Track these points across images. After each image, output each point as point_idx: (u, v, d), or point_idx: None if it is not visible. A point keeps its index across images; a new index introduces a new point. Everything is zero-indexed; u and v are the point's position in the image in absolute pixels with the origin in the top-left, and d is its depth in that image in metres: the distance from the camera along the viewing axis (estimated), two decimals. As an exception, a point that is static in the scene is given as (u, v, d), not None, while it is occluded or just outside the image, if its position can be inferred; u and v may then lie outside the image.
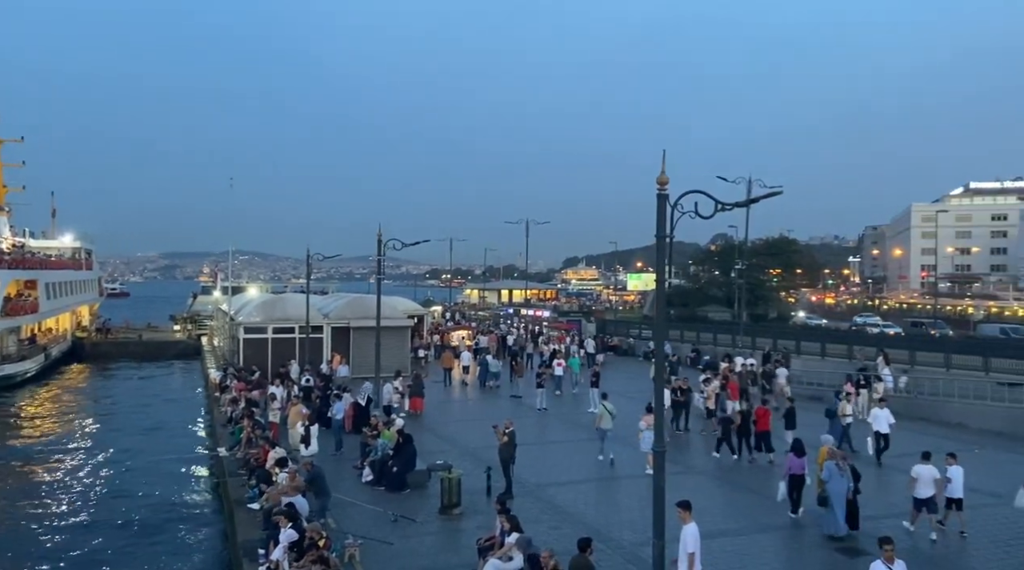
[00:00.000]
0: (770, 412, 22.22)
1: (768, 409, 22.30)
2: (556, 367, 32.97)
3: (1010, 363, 31.61)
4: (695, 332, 50.79)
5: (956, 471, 15.06)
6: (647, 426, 19.67)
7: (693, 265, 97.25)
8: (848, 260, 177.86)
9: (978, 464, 20.87)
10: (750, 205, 27.98)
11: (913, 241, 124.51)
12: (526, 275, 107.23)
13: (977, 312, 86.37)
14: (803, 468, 16.10)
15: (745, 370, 31.84)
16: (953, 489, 14.96)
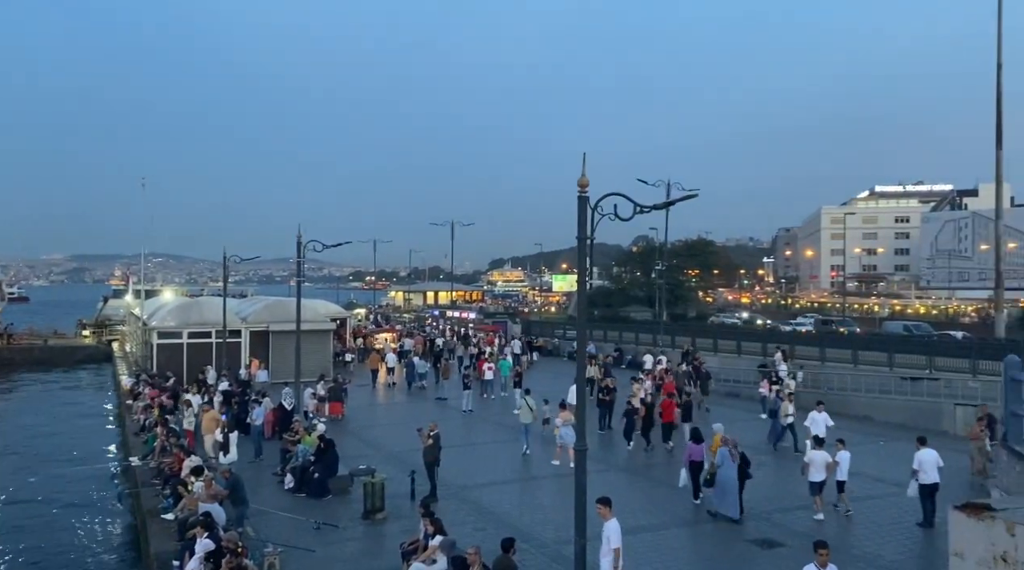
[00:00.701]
0: (675, 404, 23.36)
1: (672, 402, 23.41)
2: (487, 371, 32.86)
3: (912, 359, 33.29)
4: (618, 332, 51.65)
5: (844, 456, 16.42)
6: (563, 422, 20.65)
7: (616, 266, 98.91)
8: (763, 261, 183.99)
9: (884, 455, 22.02)
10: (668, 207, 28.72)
11: (823, 242, 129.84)
12: (452, 277, 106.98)
13: (882, 310, 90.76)
14: (701, 455, 17.24)
15: (681, 370, 32.09)
16: (840, 472, 16.28)
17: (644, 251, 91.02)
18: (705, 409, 29.02)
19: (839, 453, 16.43)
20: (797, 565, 13.25)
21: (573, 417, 21.14)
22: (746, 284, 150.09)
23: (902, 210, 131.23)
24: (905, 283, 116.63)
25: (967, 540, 6.37)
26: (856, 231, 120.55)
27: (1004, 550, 6.01)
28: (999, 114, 37.95)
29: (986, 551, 6.16)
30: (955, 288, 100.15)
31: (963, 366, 30.46)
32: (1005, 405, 9.05)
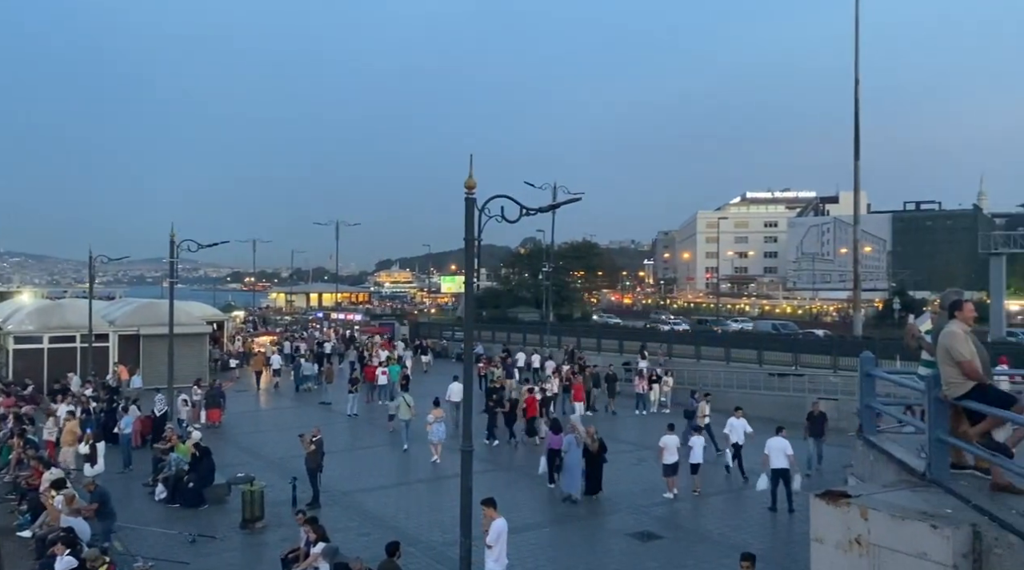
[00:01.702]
0: (536, 400, 24.14)
1: (535, 397, 24.14)
2: (380, 376, 31.93)
3: (780, 356, 35.33)
4: (506, 332, 52.12)
5: (697, 441, 18.22)
6: (435, 419, 21.04)
7: (504, 268, 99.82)
8: (643, 263, 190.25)
9: (753, 449, 23.17)
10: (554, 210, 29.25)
11: (699, 245, 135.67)
12: (337, 278, 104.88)
13: (753, 310, 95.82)
14: (560, 443, 17.96)
15: (590, 371, 31.93)
16: (693, 455, 17.86)
17: (531, 253, 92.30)
18: (611, 412, 29.49)
19: (692, 438, 18.36)
20: (675, 557, 13.84)
21: (444, 414, 21.81)
22: (628, 285, 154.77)
23: (771, 215, 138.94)
24: (773, 284, 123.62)
25: (826, 526, 6.82)
26: (729, 235, 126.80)
27: (858, 534, 6.47)
28: (857, 128, 40.84)
29: (843, 535, 6.61)
30: (818, 289, 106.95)
31: (825, 362, 32.57)
32: (861, 398, 9.72)
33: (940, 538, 5.88)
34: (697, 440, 18.21)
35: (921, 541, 6.00)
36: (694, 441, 18.16)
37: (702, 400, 24.01)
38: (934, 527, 5.95)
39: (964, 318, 7.22)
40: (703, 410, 23.41)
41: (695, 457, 17.86)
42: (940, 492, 6.91)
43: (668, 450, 17.42)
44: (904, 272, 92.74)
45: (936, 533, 5.92)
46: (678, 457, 17.47)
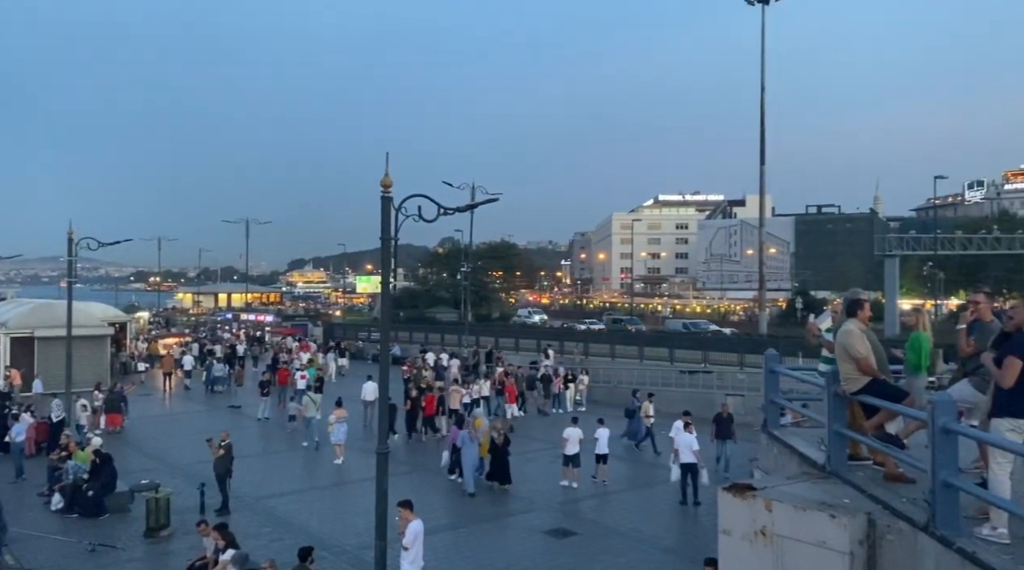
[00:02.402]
0: (435, 398, 24.65)
1: (434, 396, 24.70)
2: (299, 380, 31.01)
3: (690, 353, 36.39)
4: (423, 333, 51.84)
5: (602, 432, 18.77)
6: (336, 419, 21.03)
7: (422, 268, 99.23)
8: (561, 263, 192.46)
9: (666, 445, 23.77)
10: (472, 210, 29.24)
11: (614, 246, 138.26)
12: (247, 278, 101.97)
13: (665, 309, 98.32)
14: (460, 439, 18.56)
15: (522, 373, 31.75)
16: (599, 447, 18.54)
17: (450, 253, 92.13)
18: (545, 413, 29.49)
19: (598, 430, 18.85)
20: (589, 552, 14.05)
21: (348, 414, 21.79)
22: (546, 285, 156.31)
23: (682, 217, 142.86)
24: (684, 284, 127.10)
25: (733, 518, 7.06)
26: (642, 236, 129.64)
27: (763, 525, 6.72)
28: (762, 134, 42.36)
29: (749, 527, 6.85)
30: (726, 289, 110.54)
31: (732, 360, 33.73)
32: (765, 394, 10.11)
33: (838, 527, 6.17)
34: (602, 432, 18.89)
35: (821, 530, 6.28)
36: (599, 433, 18.84)
37: (646, 400, 24.22)
38: (832, 516, 6.24)
39: (862, 317, 7.60)
40: (647, 410, 23.60)
41: (600, 448, 18.66)
42: (838, 483, 7.26)
43: (571, 442, 18.12)
44: (806, 272, 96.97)
45: (834, 522, 6.21)
46: (578, 449, 18.16)
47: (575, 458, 18.14)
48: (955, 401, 5.99)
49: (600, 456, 18.67)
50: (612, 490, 18.20)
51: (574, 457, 18.10)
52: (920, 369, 7.84)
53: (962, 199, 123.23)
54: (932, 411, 5.62)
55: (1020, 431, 5.55)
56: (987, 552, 5.15)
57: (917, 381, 7.76)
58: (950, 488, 5.49)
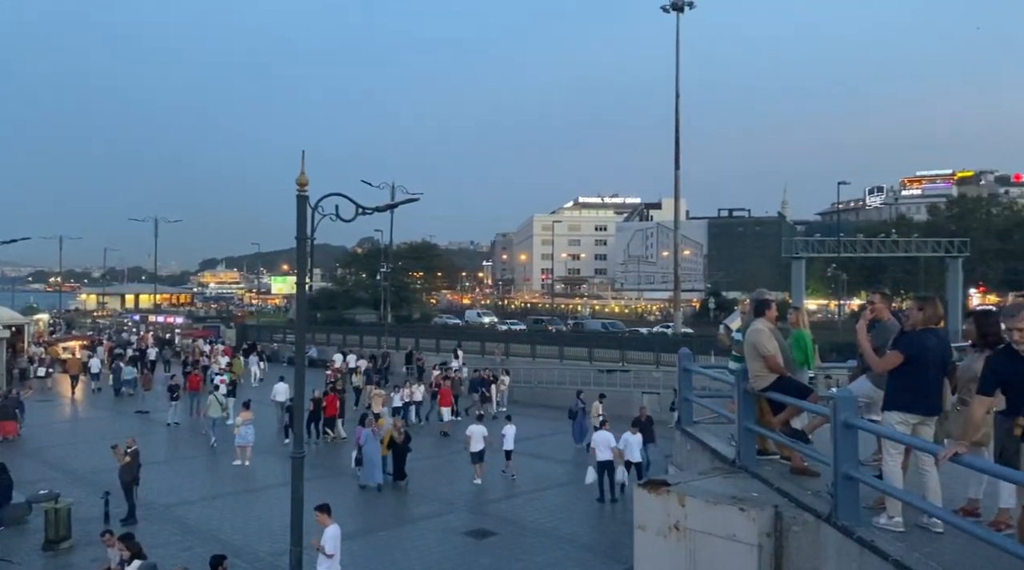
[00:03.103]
0: (337, 398, 24.56)
1: (336, 396, 24.57)
2: (220, 384, 29.80)
3: (608, 353, 37.00)
4: (342, 334, 51.00)
5: (509, 429, 19.38)
6: (243, 421, 20.76)
7: (340, 268, 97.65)
8: (483, 264, 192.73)
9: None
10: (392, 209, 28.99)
11: (535, 247, 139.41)
12: (156, 278, 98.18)
13: (584, 310, 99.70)
14: (363, 438, 18.92)
15: (457, 377, 31.06)
16: (506, 443, 19.11)
17: (369, 253, 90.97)
18: (492, 417, 28.17)
19: (505, 427, 19.50)
20: (509, 552, 14.11)
21: (253, 416, 21.42)
22: (468, 286, 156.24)
23: (601, 219, 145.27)
24: (603, 285, 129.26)
25: (648, 513, 7.21)
26: (563, 237, 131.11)
27: (676, 520, 6.89)
28: (677, 140, 43.51)
29: (663, 522, 7.01)
30: (643, 289, 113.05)
31: (649, 359, 34.46)
32: (679, 392, 10.37)
33: (747, 520, 6.38)
34: (509, 428, 19.40)
35: (731, 524, 6.48)
36: (506, 430, 19.35)
37: (596, 400, 24.10)
38: (742, 510, 6.45)
39: (770, 317, 7.88)
40: (597, 410, 23.34)
41: (507, 444, 19.19)
42: (748, 477, 7.50)
43: (475, 439, 18.63)
44: (718, 274, 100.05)
45: (744, 515, 6.42)
46: (483, 446, 18.64)
47: (480, 454, 18.65)
48: (855, 397, 6.29)
49: (507, 452, 19.26)
50: (533, 489, 18.31)
51: (479, 453, 18.62)
52: (807, 364, 8.19)
53: (863, 204, 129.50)
54: (834, 407, 5.87)
55: (908, 424, 5.85)
56: (883, 540, 5.41)
57: (803, 376, 8.09)
58: (850, 480, 5.75)
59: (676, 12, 41.98)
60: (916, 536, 5.53)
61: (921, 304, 6.06)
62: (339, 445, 23.36)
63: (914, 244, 63.25)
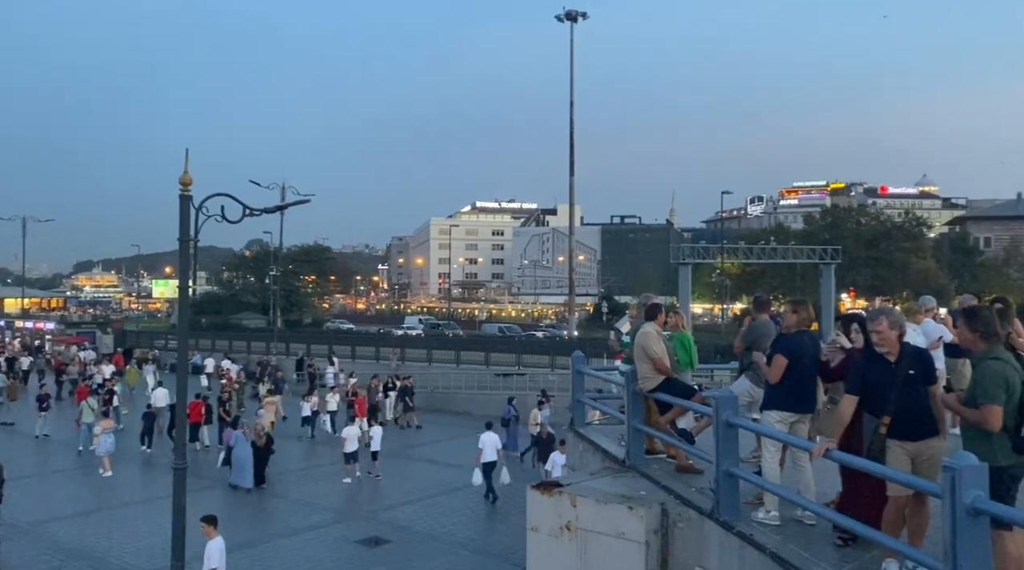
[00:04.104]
0: (202, 405, 23.96)
1: (200, 402, 23.92)
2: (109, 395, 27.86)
3: (505, 356, 37.27)
4: (227, 340, 49.19)
5: (376, 431, 20.15)
6: (103, 430, 20.23)
7: (227, 271, 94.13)
8: (378, 267, 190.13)
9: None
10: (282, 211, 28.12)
11: (432, 251, 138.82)
12: (24, 281, 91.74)
13: (481, 314, 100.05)
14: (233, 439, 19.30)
15: (374, 386, 29.07)
16: (374, 444, 19.64)
17: (258, 255, 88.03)
18: (416, 426, 27.73)
19: (373, 428, 20.30)
20: (403, 559, 13.95)
21: (114, 425, 21.59)
22: (362, 290, 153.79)
23: (498, 224, 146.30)
24: (500, 289, 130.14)
25: (541, 514, 7.30)
26: (460, 242, 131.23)
27: (568, 520, 7.00)
28: (572, 147, 44.34)
29: (555, 522, 7.12)
30: (539, 294, 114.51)
31: (544, 362, 34.92)
32: (573, 394, 10.55)
33: (635, 518, 6.56)
34: (377, 430, 20.17)
35: (620, 522, 6.65)
36: (374, 431, 20.06)
37: (535, 408, 23.07)
38: (630, 508, 6.63)
39: (658, 321, 8.14)
40: (535, 417, 22.32)
41: (375, 445, 19.78)
42: (636, 476, 7.71)
43: (349, 440, 19.20)
44: (611, 279, 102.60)
45: (632, 514, 6.60)
46: (356, 446, 19.27)
47: (354, 455, 19.15)
48: (736, 396, 6.57)
49: (374, 452, 19.76)
50: (427, 494, 18.18)
51: (353, 454, 19.13)
52: (691, 365, 8.52)
53: (745, 213, 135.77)
54: (715, 406, 6.12)
55: (786, 422, 6.16)
56: (761, 534, 5.68)
57: (686, 377, 8.40)
58: (731, 477, 6.00)
59: (570, 22, 42.79)
60: (791, 529, 5.83)
61: (795, 307, 6.42)
62: (206, 452, 22.74)
63: (791, 251, 66.72)
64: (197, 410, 23.54)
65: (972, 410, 4.51)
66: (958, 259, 74.63)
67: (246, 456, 18.39)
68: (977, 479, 3.76)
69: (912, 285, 65.91)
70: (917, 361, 5.04)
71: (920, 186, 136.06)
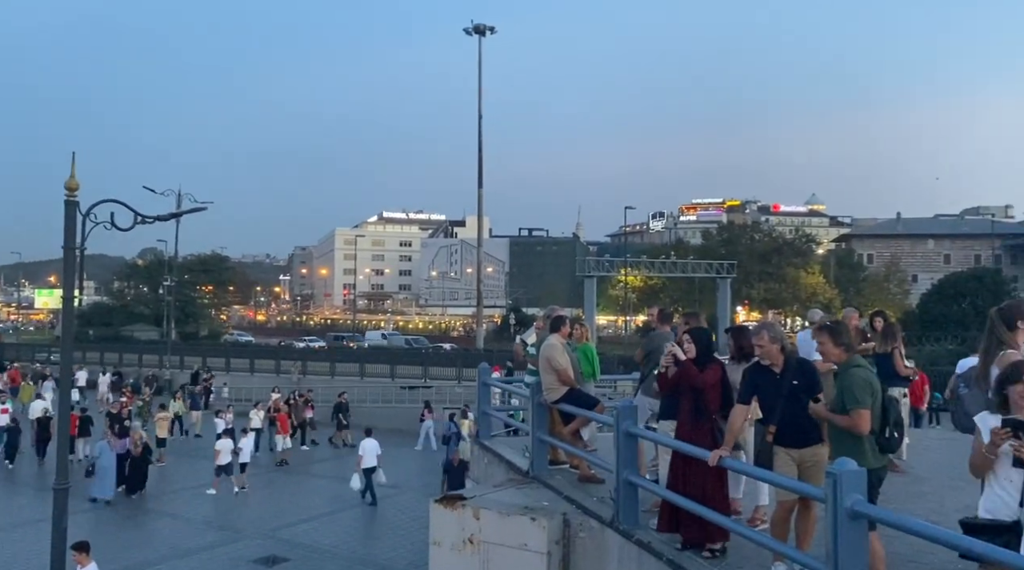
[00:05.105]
0: (77, 418, 22.98)
1: (77, 415, 23.05)
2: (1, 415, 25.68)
3: (411, 369, 36.94)
4: (118, 353, 46.84)
5: (246, 443, 20.33)
6: None
7: (118, 281, 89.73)
8: (280, 278, 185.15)
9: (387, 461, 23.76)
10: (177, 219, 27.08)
11: (337, 262, 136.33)
12: None
13: (388, 326, 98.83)
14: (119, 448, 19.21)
15: (297, 402, 27.58)
16: (243, 456, 19.93)
17: (151, 265, 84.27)
18: (343, 444, 26.62)
19: (242, 440, 20.29)
20: (303, 577, 13.57)
21: None
22: (263, 301, 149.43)
23: (406, 235, 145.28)
24: (407, 301, 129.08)
25: (443, 529, 7.24)
26: (366, 252, 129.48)
27: (471, 533, 6.98)
28: (480, 159, 44.52)
29: (458, 536, 7.07)
30: (447, 305, 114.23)
31: (451, 374, 34.80)
32: (479, 406, 10.56)
33: (537, 529, 6.60)
34: (246, 442, 20.35)
35: (523, 533, 6.67)
36: (243, 443, 20.14)
37: (463, 419, 22.96)
38: (533, 519, 6.66)
39: (563, 332, 8.24)
40: (468, 427, 21.75)
41: (243, 458, 19.91)
42: (540, 487, 7.77)
43: (223, 453, 19.24)
44: (519, 291, 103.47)
45: (534, 525, 6.63)
46: (231, 459, 19.28)
47: (228, 467, 19.17)
48: (636, 407, 6.72)
49: (242, 465, 19.80)
50: (327, 511, 17.79)
51: (227, 466, 19.15)
52: (594, 376, 8.67)
53: (647, 227, 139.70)
54: (616, 416, 6.24)
55: None
56: (659, 541, 5.81)
57: (589, 388, 8.55)
58: (631, 486, 6.13)
59: (478, 35, 43.04)
60: (687, 535, 5.97)
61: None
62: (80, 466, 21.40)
63: (690, 265, 69.09)
64: (72, 423, 22.46)
65: (842, 416, 4.79)
66: (844, 274, 78.94)
67: (109, 467, 18.29)
68: (857, 484, 3.97)
69: (802, 299, 69.38)
70: (801, 372, 5.30)
71: (809, 205, 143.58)
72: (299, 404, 27.16)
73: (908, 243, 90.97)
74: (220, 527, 16.50)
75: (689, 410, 5.84)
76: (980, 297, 47.16)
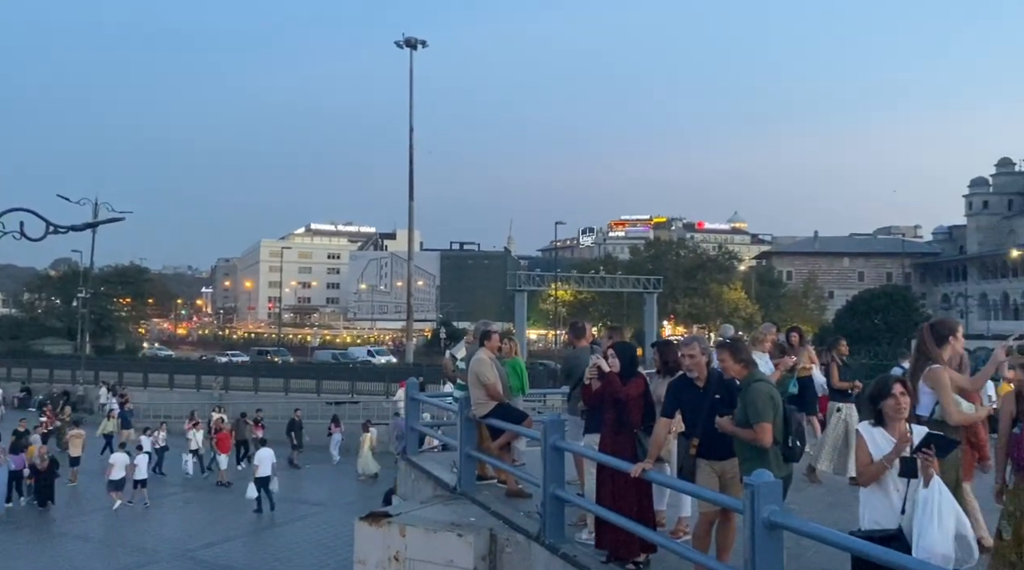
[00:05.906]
0: None
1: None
2: None
3: (339, 384, 36.28)
4: (27, 368, 44.61)
5: (141, 459, 20.03)
6: None
7: (28, 292, 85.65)
8: (202, 290, 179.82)
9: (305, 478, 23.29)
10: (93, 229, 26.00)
11: (262, 274, 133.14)
12: None
13: (315, 340, 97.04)
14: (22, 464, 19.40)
15: (243, 421, 26.06)
16: (139, 472, 19.59)
17: (65, 276, 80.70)
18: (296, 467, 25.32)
19: (138, 457, 20.04)
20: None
21: None
22: (184, 314, 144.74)
23: (334, 247, 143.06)
24: (335, 314, 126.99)
25: (368, 547, 7.12)
26: (293, 265, 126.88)
27: (397, 551, 6.88)
28: (411, 172, 44.34)
29: (383, 554, 6.97)
30: (377, 319, 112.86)
31: (379, 389, 34.34)
32: (406, 421, 10.43)
33: (464, 545, 6.56)
34: (141, 458, 20.05)
35: (449, 550, 6.62)
36: (139, 459, 19.86)
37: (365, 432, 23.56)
38: (459, 535, 6.62)
39: (491, 346, 8.23)
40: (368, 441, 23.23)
41: (139, 474, 19.60)
42: (467, 502, 7.72)
43: (116, 467, 19.11)
44: (450, 304, 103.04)
45: (461, 541, 6.59)
46: (124, 474, 19.08)
47: (120, 482, 19.02)
48: (563, 421, 6.76)
49: (138, 481, 19.55)
50: (249, 530, 17.32)
51: (120, 482, 19.01)
52: (522, 391, 8.67)
53: (577, 242, 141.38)
54: (543, 430, 6.26)
55: None
56: (585, 555, 5.85)
57: (518, 403, 8.53)
58: (557, 500, 6.15)
59: (409, 49, 42.99)
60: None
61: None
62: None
63: (618, 280, 70.20)
64: None
65: (746, 430, 4.94)
66: (764, 290, 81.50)
67: (2, 482, 18.41)
68: (773, 495, 4.08)
69: (724, 314, 71.25)
70: (723, 386, 5.43)
71: (732, 222, 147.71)
72: (241, 423, 25.83)
73: (825, 261, 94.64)
74: (135, 549, 15.87)
75: (612, 423, 5.90)
76: (891, 313, 49.26)
